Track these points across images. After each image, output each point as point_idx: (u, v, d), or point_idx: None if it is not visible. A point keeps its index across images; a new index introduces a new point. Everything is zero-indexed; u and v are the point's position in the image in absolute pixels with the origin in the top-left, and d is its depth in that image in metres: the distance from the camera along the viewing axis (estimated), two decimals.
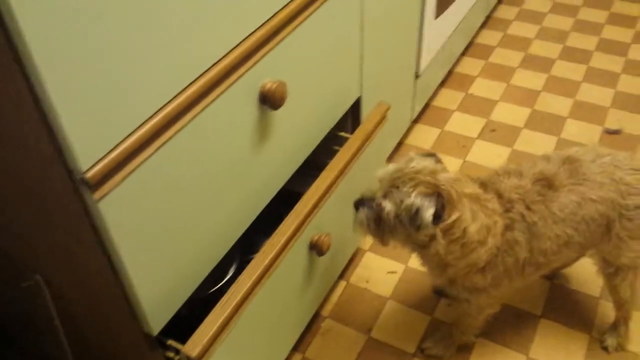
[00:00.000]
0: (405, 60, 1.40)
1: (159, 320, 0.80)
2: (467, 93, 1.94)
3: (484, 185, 0.98)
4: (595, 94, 1.90)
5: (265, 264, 0.89)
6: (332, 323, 1.31)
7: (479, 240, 0.93)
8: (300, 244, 1.00)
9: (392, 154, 1.71)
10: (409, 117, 1.60)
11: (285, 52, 0.86)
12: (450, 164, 1.69)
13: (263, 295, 0.92)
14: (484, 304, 1.10)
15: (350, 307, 1.34)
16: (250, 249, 1.11)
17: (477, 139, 1.77)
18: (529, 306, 1.31)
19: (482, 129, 1.81)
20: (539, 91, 1.93)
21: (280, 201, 1.01)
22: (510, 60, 2.07)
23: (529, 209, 0.96)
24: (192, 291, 0.85)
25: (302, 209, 0.98)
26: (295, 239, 0.96)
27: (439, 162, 0.96)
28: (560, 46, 2.11)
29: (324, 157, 1.10)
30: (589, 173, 0.99)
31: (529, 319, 1.29)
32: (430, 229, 0.88)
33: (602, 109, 1.84)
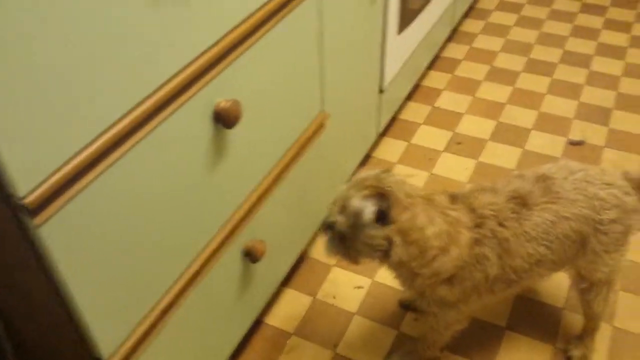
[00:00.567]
0: (368, 75, 1.41)
1: (109, 344, 0.78)
2: (433, 106, 1.96)
3: (454, 198, 0.98)
4: (559, 105, 1.93)
5: (195, 265, 0.90)
6: (298, 340, 1.29)
7: (439, 247, 0.92)
8: (232, 250, 1.00)
9: (359, 166, 1.72)
10: (374, 130, 1.60)
11: (239, 71, 0.86)
12: (418, 177, 1.70)
13: (192, 301, 0.92)
14: (452, 320, 1.09)
15: (316, 323, 1.33)
16: None
17: (444, 151, 1.79)
18: (494, 318, 1.32)
19: (448, 141, 1.82)
20: (504, 103, 1.95)
21: None
22: (476, 73, 2.09)
23: (502, 225, 0.96)
24: (145, 313, 0.83)
25: (235, 214, 0.98)
26: (227, 244, 0.96)
27: (387, 172, 0.95)
28: (525, 59, 2.15)
29: None
30: (562, 191, 1.00)
31: (494, 330, 1.29)
32: (377, 229, 0.88)
33: (566, 120, 1.86)
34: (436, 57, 2.16)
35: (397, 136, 1.84)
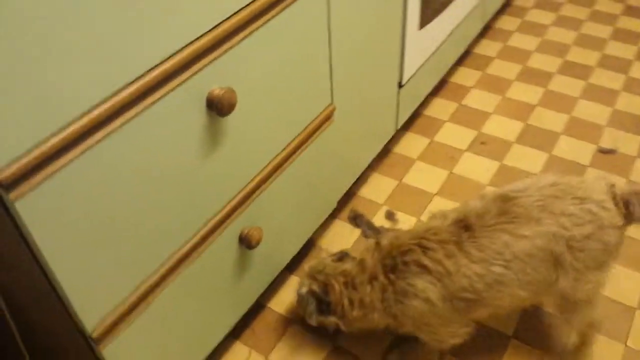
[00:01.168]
0: (386, 69, 1.38)
1: (92, 318, 0.80)
2: (460, 104, 1.91)
3: (379, 248, 1.07)
4: (592, 111, 1.86)
5: (185, 248, 0.91)
6: (299, 328, 1.29)
7: (364, 314, 1.06)
8: (228, 234, 1.00)
9: (378, 160, 1.70)
10: (393, 125, 1.58)
11: (237, 59, 0.86)
12: (437, 175, 1.67)
13: (183, 282, 0.94)
14: (444, 336, 1.09)
15: None
16: None
17: (467, 151, 1.75)
18: (500, 326, 1.28)
19: (473, 141, 1.78)
20: (535, 105, 1.89)
21: None
22: (508, 72, 2.03)
23: (429, 250, 1.00)
24: (130, 291, 0.84)
25: (230, 201, 0.98)
26: (222, 228, 0.97)
27: (348, 257, 1.15)
28: (560, 60, 2.07)
29: None
30: (521, 210, 0.98)
31: (500, 338, 1.26)
32: (322, 317, 1.11)
33: (598, 127, 1.80)
34: (467, 53, 2.11)
35: (420, 132, 1.81)
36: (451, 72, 2.04)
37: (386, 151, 1.75)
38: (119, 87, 0.69)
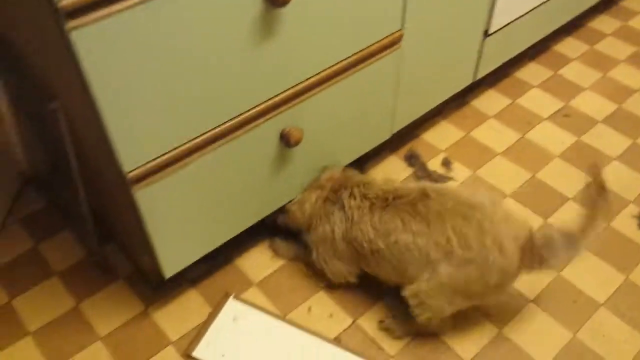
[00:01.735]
0: (471, 11, 1.36)
1: (132, 160, 0.91)
2: (555, 73, 1.84)
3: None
4: None
5: (228, 125, 1.01)
6: None
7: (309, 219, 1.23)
8: (269, 127, 1.08)
9: (451, 109, 1.70)
10: (470, 74, 1.56)
11: None
12: (507, 136, 1.64)
13: (222, 156, 1.03)
14: (331, 269, 1.22)
15: None
16: None
17: (546, 119, 1.70)
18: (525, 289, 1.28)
19: (556, 111, 1.72)
20: (635, 90, 1.78)
21: None
22: (618, 52, 1.92)
23: (353, 197, 1.14)
24: (170, 147, 0.95)
25: (277, 96, 1.06)
26: (264, 119, 1.06)
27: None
28: None
29: None
30: (424, 210, 1.06)
31: (520, 300, 1.27)
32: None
33: None
34: (579, 25, 2.00)
35: (504, 92, 1.78)
36: (556, 39, 1.95)
37: (462, 103, 1.73)
38: None
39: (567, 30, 1.98)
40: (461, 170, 1.55)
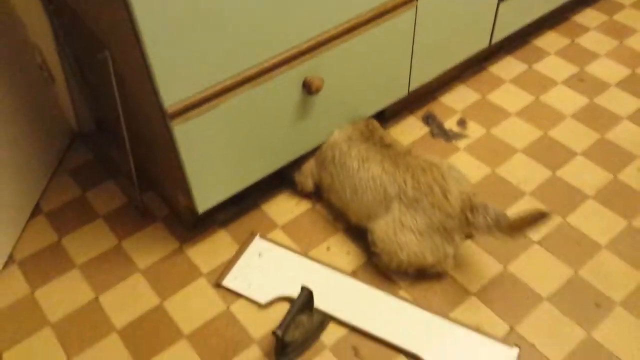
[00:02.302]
0: None
1: (171, 97, 1.04)
2: (573, 41, 1.90)
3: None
4: None
5: (256, 69, 1.13)
6: None
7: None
8: (293, 74, 1.19)
9: (469, 74, 1.78)
10: (486, 38, 1.64)
11: None
12: (522, 98, 1.71)
13: (250, 98, 1.15)
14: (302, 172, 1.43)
15: None
16: None
17: (561, 83, 1.76)
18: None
19: (571, 76, 1.78)
20: None
21: None
22: (636, 21, 1.96)
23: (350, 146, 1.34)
24: (206, 87, 1.07)
25: (301, 45, 1.17)
26: (288, 66, 1.16)
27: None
28: None
29: None
30: (400, 161, 1.27)
31: (525, 241, 1.35)
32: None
33: None
34: None
35: (521, 58, 1.85)
36: (575, 10, 2.01)
37: (480, 68, 1.81)
38: None
39: (586, 2, 2.03)
40: (476, 128, 1.63)
